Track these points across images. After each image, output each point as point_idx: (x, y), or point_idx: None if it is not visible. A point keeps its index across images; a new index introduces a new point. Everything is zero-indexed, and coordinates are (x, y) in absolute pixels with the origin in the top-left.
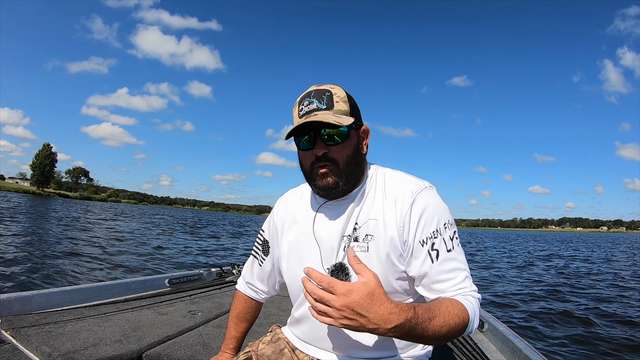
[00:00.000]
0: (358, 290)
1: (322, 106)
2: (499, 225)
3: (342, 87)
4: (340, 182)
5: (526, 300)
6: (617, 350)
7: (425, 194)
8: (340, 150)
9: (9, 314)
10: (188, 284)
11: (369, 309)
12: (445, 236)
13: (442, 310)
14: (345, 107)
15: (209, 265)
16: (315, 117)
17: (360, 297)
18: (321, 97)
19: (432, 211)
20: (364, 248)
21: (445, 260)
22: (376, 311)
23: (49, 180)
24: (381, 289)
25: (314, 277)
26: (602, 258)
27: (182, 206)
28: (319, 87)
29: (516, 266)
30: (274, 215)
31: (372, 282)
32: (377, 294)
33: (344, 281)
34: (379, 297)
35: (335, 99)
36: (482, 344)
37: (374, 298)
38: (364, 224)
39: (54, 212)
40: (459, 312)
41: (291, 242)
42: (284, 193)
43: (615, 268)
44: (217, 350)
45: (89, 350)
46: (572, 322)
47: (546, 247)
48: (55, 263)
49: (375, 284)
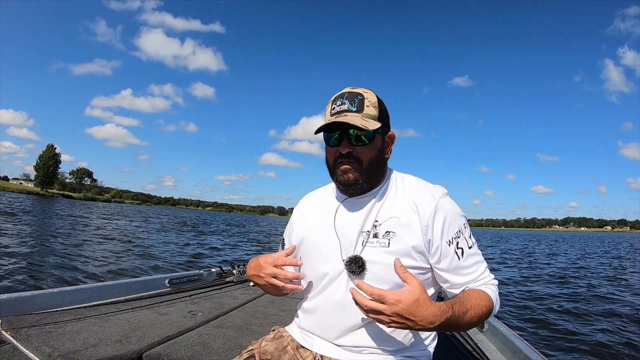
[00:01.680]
0: (405, 299)
1: (353, 108)
2: (503, 225)
3: (375, 93)
4: (360, 180)
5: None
6: (618, 350)
7: (445, 199)
8: (364, 151)
9: (9, 314)
10: (188, 284)
11: (416, 314)
12: (466, 235)
13: (473, 304)
14: (374, 111)
15: (209, 265)
16: (345, 117)
17: (407, 305)
18: (353, 100)
19: (453, 214)
20: (385, 244)
21: (468, 256)
22: (422, 315)
23: (52, 181)
24: (425, 295)
25: (365, 290)
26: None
27: (186, 207)
28: (352, 90)
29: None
30: (294, 213)
31: (417, 290)
32: (421, 300)
33: (411, 274)
34: (424, 302)
35: (366, 103)
36: (482, 344)
37: (419, 304)
38: (385, 221)
39: (56, 213)
40: (486, 303)
41: (310, 235)
42: (304, 194)
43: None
44: (217, 350)
45: (89, 350)
46: (572, 321)
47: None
48: (55, 263)
49: (420, 290)
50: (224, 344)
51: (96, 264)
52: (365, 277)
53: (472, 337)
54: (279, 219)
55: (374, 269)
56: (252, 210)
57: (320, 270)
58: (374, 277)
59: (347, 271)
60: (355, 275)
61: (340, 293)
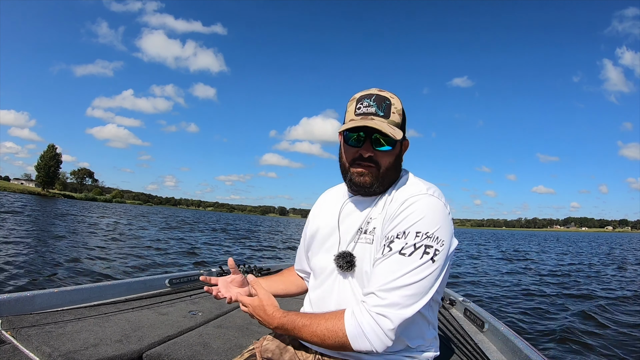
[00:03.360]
0: (252, 303)
1: (380, 112)
2: (504, 225)
3: (400, 99)
4: (375, 184)
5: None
6: (617, 350)
7: (419, 197)
8: (384, 156)
9: (9, 314)
10: (188, 284)
11: (259, 314)
12: (410, 241)
13: (314, 322)
14: (399, 119)
15: (209, 265)
16: (373, 121)
17: (253, 307)
18: (381, 104)
19: (413, 214)
20: (369, 240)
21: (388, 260)
22: (261, 316)
23: (53, 181)
24: (268, 301)
25: (241, 300)
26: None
27: (187, 207)
28: (380, 93)
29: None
30: (311, 211)
31: (256, 301)
32: (263, 305)
33: (344, 269)
34: (264, 307)
35: (393, 109)
36: (482, 344)
37: (261, 308)
38: (375, 218)
39: (57, 213)
40: (330, 327)
41: (318, 230)
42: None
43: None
44: (218, 350)
45: (89, 350)
46: (572, 321)
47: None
48: (55, 263)
49: (260, 301)
50: (224, 344)
51: (96, 263)
52: (355, 272)
53: (472, 337)
54: (279, 219)
55: (362, 265)
56: (253, 211)
57: (322, 266)
58: (360, 273)
59: (336, 267)
60: (343, 271)
61: (337, 289)
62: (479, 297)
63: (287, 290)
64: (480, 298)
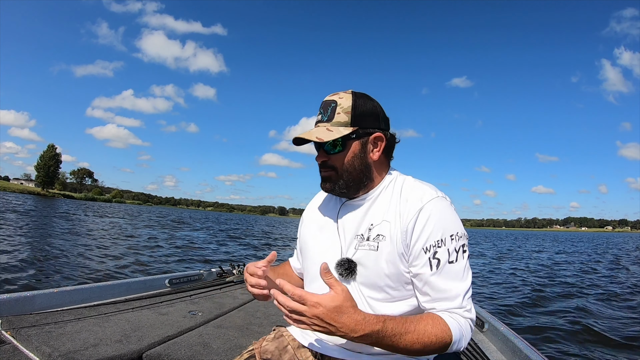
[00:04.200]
0: (326, 302)
1: (324, 118)
2: (504, 225)
3: (356, 94)
4: (336, 187)
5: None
6: (618, 349)
7: (435, 202)
8: (338, 158)
9: (9, 314)
10: (188, 284)
11: (336, 319)
12: (450, 247)
13: (419, 329)
14: (345, 118)
15: (209, 265)
16: (308, 132)
17: (328, 309)
18: (327, 109)
19: (438, 220)
20: (374, 247)
21: (444, 271)
22: (342, 321)
23: (53, 181)
24: (349, 302)
25: (286, 289)
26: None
27: (187, 207)
28: (330, 97)
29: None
30: (306, 210)
31: (340, 296)
32: (344, 307)
33: (337, 281)
34: (346, 309)
35: (338, 110)
36: (482, 344)
37: (340, 310)
38: (378, 224)
39: (56, 213)
40: (438, 333)
41: (313, 232)
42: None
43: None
44: (217, 350)
45: (89, 350)
46: (573, 321)
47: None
48: (55, 263)
49: (344, 297)
50: (224, 344)
51: (95, 263)
52: (356, 280)
53: (472, 337)
54: (279, 219)
55: (364, 272)
56: (253, 211)
57: (316, 270)
58: (364, 280)
59: (336, 273)
60: (343, 278)
61: None
62: (479, 297)
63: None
64: (480, 298)
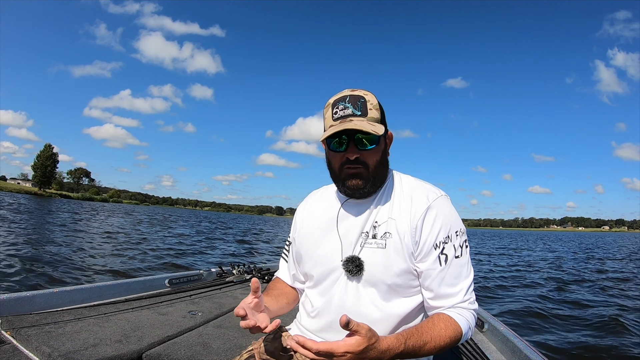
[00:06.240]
0: (353, 349)
1: (357, 112)
2: (501, 225)
3: (374, 94)
4: (368, 184)
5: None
6: (618, 349)
7: (440, 201)
8: (371, 155)
9: (9, 314)
10: (188, 284)
11: (365, 357)
12: (455, 243)
13: (435, 335)
14: (377, 114)
15: (208, 265)
16: (352, 123)
17: (356, 353)
18: (356, 103)
19: (445, 218)
20: (382, 245)
21: (451, 265)
22: (370, 356)
23: (50, 181)
24: (374, 339)
25: (309, 347)
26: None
27: (184, 206)
28: (353, 93)
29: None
30: (296, 215)
31: (364, 338)
32: (370, 345)
33: (358, 325)
34: (372, 346)
35: (369, 106)
36: (482, 344)
37: (367, 349)
38: (384, 222)
39: (54, 212)
40: (451, 333)
41: (313, 235)
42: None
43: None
44: (217, 350)
45: (89, 350)
46: (573, 321)
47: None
48: (55, 263)
49: (368, 337)
50: (224, 344)
51: (95, 263)
52: (363, 277)
53: (472, 337)
54: (276, 219)
55: (371, 269)
56: (250, 210)
57: (320, 271)
58: (371, 277)
59: (344, 271)
60: (352, 275)
61: (339, 294)
62: (479, 297)
63: (289, 305)
64: (480, 298)
